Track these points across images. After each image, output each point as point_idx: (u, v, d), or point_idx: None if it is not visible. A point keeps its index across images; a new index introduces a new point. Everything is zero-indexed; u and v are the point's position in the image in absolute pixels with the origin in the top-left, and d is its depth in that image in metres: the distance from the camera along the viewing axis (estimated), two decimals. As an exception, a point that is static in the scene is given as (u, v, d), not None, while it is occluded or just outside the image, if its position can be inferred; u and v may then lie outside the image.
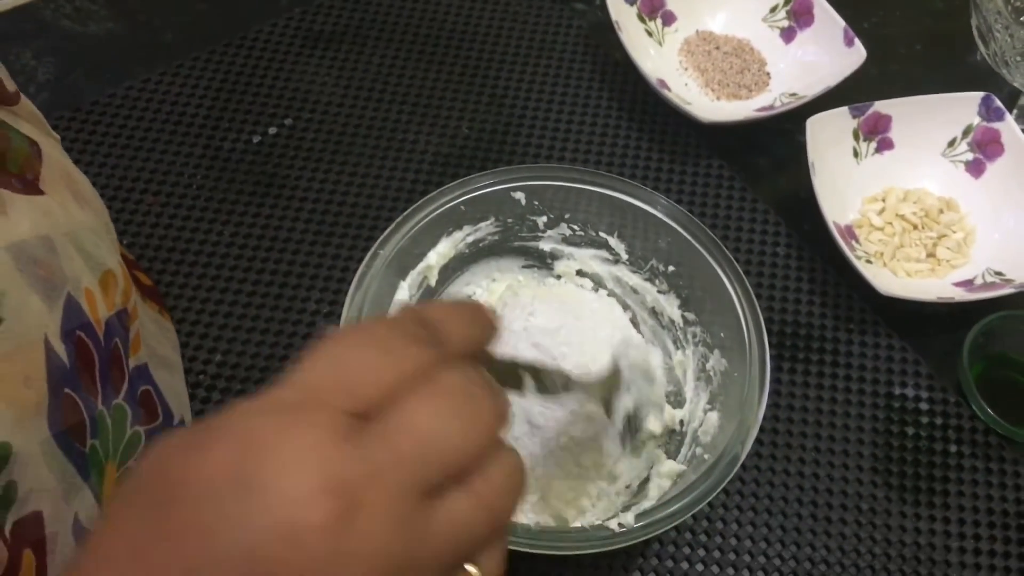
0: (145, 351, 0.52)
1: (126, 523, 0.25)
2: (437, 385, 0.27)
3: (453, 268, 0.60)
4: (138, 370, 0.50)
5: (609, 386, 0.47)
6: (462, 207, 0.56)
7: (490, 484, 0.28)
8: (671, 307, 0.59)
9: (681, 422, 0.57)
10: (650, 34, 0.78)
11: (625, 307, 0.62)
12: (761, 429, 0.49)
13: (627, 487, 0.55)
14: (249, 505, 0.23)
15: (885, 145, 0.70)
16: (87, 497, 0.42)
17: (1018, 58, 0.67)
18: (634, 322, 0.61)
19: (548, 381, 0.37)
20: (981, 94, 0.68)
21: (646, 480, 0.54)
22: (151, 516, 0.24)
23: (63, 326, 0.42)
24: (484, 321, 0.32)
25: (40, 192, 0.43)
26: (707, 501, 0.46)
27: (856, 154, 0.70)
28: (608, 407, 0.47)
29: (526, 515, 0.53)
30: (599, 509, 0.54)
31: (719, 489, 0.46)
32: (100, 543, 0.25)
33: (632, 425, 0.50)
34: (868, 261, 0.66)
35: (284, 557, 0.23)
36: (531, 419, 0.53)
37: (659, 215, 0.56)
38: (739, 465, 0.47)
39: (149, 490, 0.25)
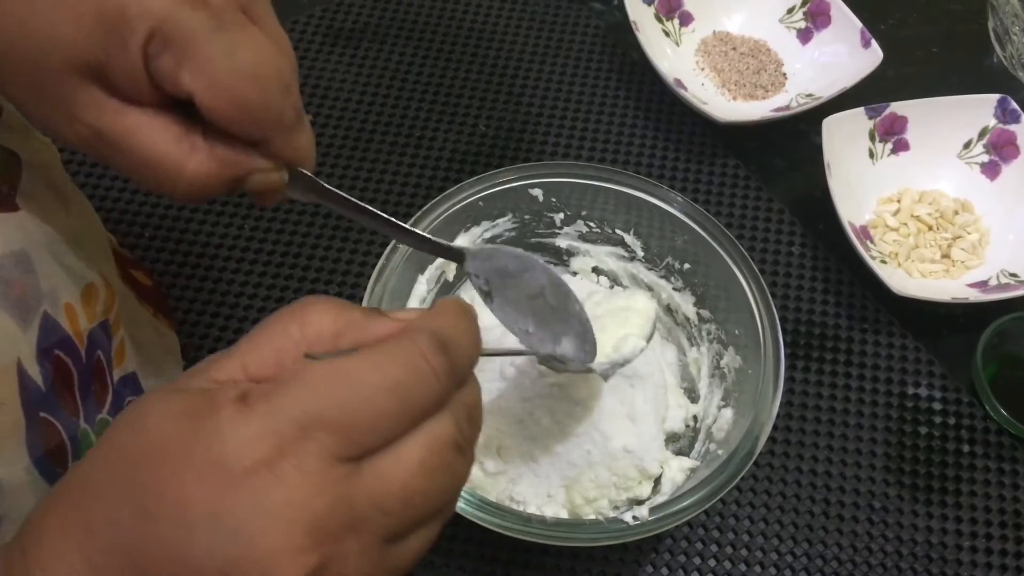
0: (134, 359, 0.51)
1: (93, 516, 0.25)
2: (432, 437, 0.27)
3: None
4: (124, 381, 0.49)
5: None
6: (480, 203, 0.57)
7: (446, 517, 0.30)
8: (686, 304, 0.60)
9: (695, 418, 0.57)
10: (667, 34, 0.78)
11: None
12: (774, 427, 0.50)
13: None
14: (229, 549, 0.24)
15: (901, 146, 0.70)
16: None
17: (1035, 61, 0.68)
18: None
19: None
20: (997, 96, 0.68)
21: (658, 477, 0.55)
22: (123, 522, 0.25)
23: (39, 345, 0.41)
24: (479, 334, 0.32)
25: (15, 208, 0.41)
26: (720, 496, 0.46)
27: (872, 155, 0.70)
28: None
29: (541, 508, 0.53)
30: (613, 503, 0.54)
31: (732, 484, 0.47)
32: (80, 498, 0.26)
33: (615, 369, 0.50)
34: (883, 261, 0.66)
35: None
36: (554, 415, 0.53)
37: (675, 213, 0.57)
38: (752, 461, 0.47)
39: (124, 489, 0.25)
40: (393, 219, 0.40)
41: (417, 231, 0.41)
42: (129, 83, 0.32)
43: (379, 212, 0.39)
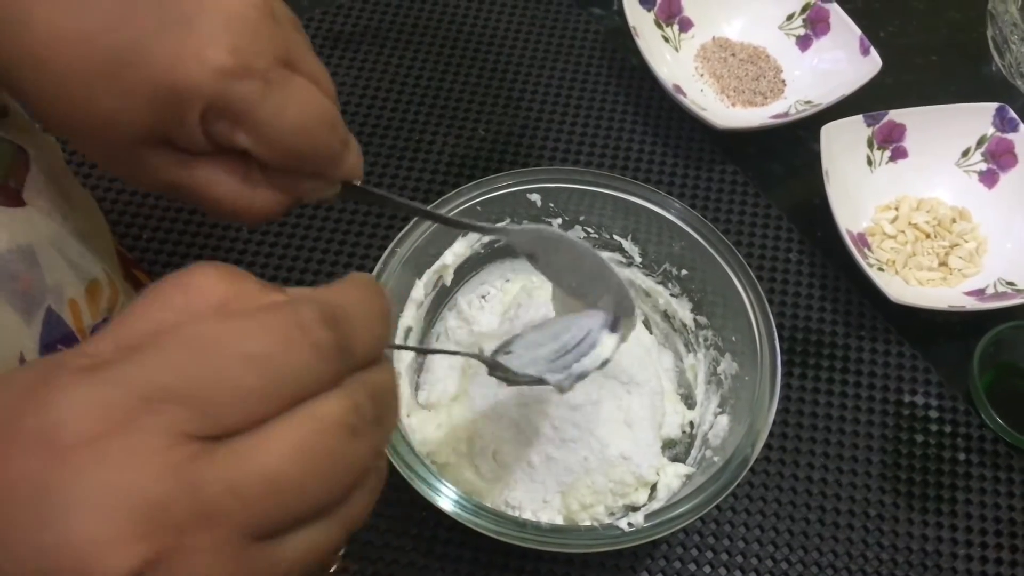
0: None
1: None
2: (312, 416, 0.23)
3: (468, 268, 0.61)
4: None
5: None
6: (478, 208, 0.57)
7: (351, 512, 0.25)
8: (683, 311, 0.60)
9: (691, 424, 0.57)
10: (667, 40, 0.78)
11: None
12: (770, 434, 0.50)
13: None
14: (45, 538, 0.20)
15: (899, 154, 0.70)
16: None
17: (1033, 70, 0.68)
18: (646, 324, 0.62)
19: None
20: (996, 105, 0.68)
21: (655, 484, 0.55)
22: None
23: (42, 340, 0.41)
24: (389, 307, 0.28)
25: (21, 203, 0.42)
26: (716, 503, 0.46)
27: (870, 162, 0.70)
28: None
29: (537, 514, 0.53)
30: (608, 509, 0.54)
31: (728, 491, 0.47)
32: None
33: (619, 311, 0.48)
34: (880, 269, 0.66)
35: None
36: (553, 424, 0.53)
37: (673, 219, 0.57)
38: (748, 468, 0.47)
39: None
40: (434, 211, 0.45)
41: (463, 220, 0.47)
42: (191, 145, 0.35)
43: (423, 206, 0.46)
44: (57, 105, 0.34)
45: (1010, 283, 0.65)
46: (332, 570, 0.34)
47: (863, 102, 0.70)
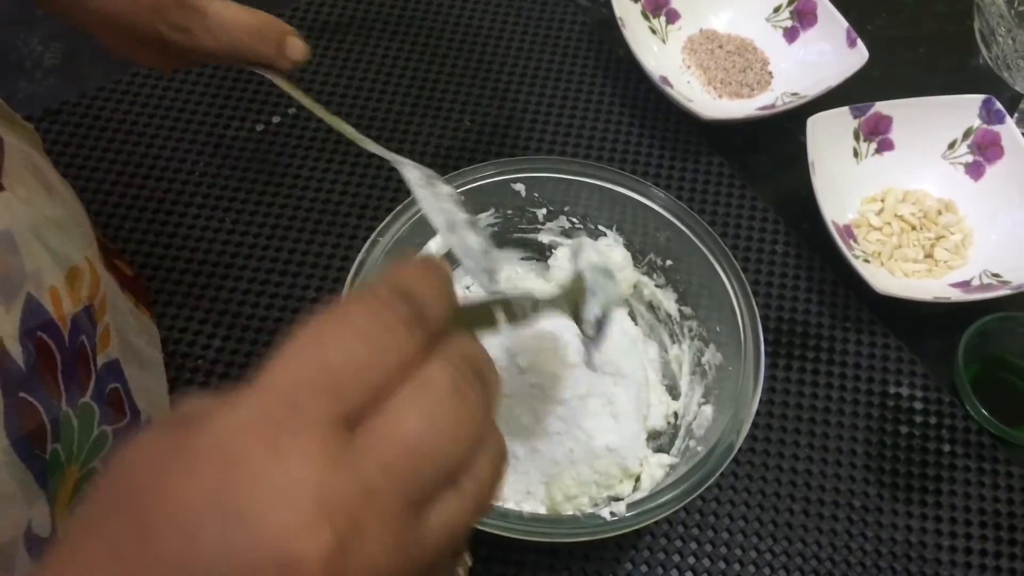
0: (118, 346, 0.51)
1: (94, 554, 0.23)
2: (424, 383, 0.26)
3: (452, 258, 0.60)
4: (108, 367, 0.49)
5: (575, 294, 0.46)
6: (462, 197, 0.56)
7: (478, 481, 0.27)
8: (668, 301, 0.60)
9: (676, 415, 0.57)
10: (654, 31, 0.78)
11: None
12: (755, 425, 0.50)
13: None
14: (238, 537, 0.22)
15: (885, 146, 0.70)
16: (42, 504, 0.41)
17: (1020, 62, 0.68)
18: (631, 315, 0.62)
19: (517, 309, 0.37)
20: (982, 97, 0.68)
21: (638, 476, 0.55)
22: (124, 546, 0.22)
23: (22, 326, 0.41)
24: (449, 278, 0.30)
25: (0, 187, 0.42)
26: (699, 493, 0.46)
27: (856, 154, 0.70)
28: (578, 316, 0.46)
29: (520, 505, 0.53)
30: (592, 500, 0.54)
31: (711, 481, 0.46)
32: (78, 542, 0.23)
33: (603, 329, 0.47)
34: (866, 260, 0.66)
35: None
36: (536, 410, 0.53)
37: (658, 209, 0.56)
38: (732, 458, 0.47)
39: (120, 514, 0.23)
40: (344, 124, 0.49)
41: (360, 136, 0.49)
42: None
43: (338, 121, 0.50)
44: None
45: (996, 275, 0.65)
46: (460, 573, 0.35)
47: (850, 94, 0.70)
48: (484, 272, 0.47)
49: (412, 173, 0.47)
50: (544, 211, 0.60)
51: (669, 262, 0.59)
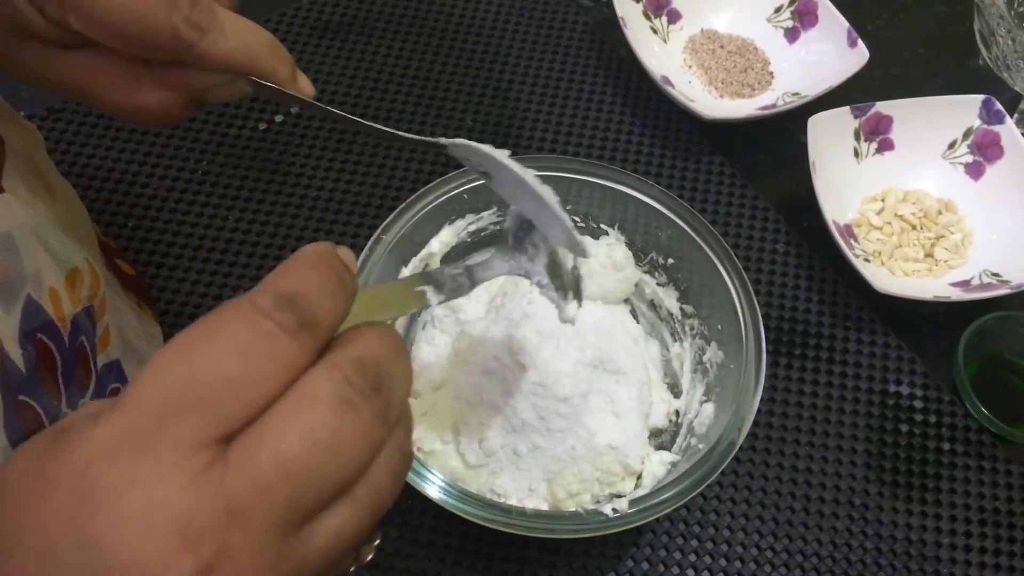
0: (119, 346, 0.51)
1: None
2: (305, 395, 0.24)
3: (454, 256, 0.61)
4: (108, 367, 0.49)
5: (514, 242, 0.44)
6: (464, 196, 0.57)
7: (374, 488, 0.26)
8: (670, 299, 0.60)
9: (677, 412, 0.58)
10: (655, 31, 0.78)
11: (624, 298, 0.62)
12: (756, 423, 0.50)
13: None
14: (94, 566, 0.21)
15: (886, 146, 0.70)
16: None
17: (1020, 62, 0.68)
18: (633, 313, 0.62)
19: (447, 280, 0.35)
20: (982, 97, 0.69)
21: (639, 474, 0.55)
22: None
23: (21, 328, 0.41)
24: (349, 279, 0.28)
25: (0, 189, 0.42)
26: (700, 490, 0.46)
27: (857, 154, 0.70)
28: (523, 271, 0.44)
29: (522, 501, 0.53)
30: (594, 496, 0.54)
31: (712, 478, 0.47)
32: None
33: (555, 268, 0.44)
34: (866, 260, 0.67)
35: None
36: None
37: (660, 208, 0.57)
38: (733, 455, 0.47)
39: None
40: (367, 122, 0.44)
41: (390, 129, 0.43)
42: (50, 35, 0.35)
43: (345, 114, 0.43)
44: None
45: (995, 274, 0.65)
46: (369, 559, 0.34)
47: (850, 94, 0.71)
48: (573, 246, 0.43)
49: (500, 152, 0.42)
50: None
51: (671, 260, 0.59)
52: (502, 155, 0.40)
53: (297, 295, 0.25)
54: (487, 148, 0.40)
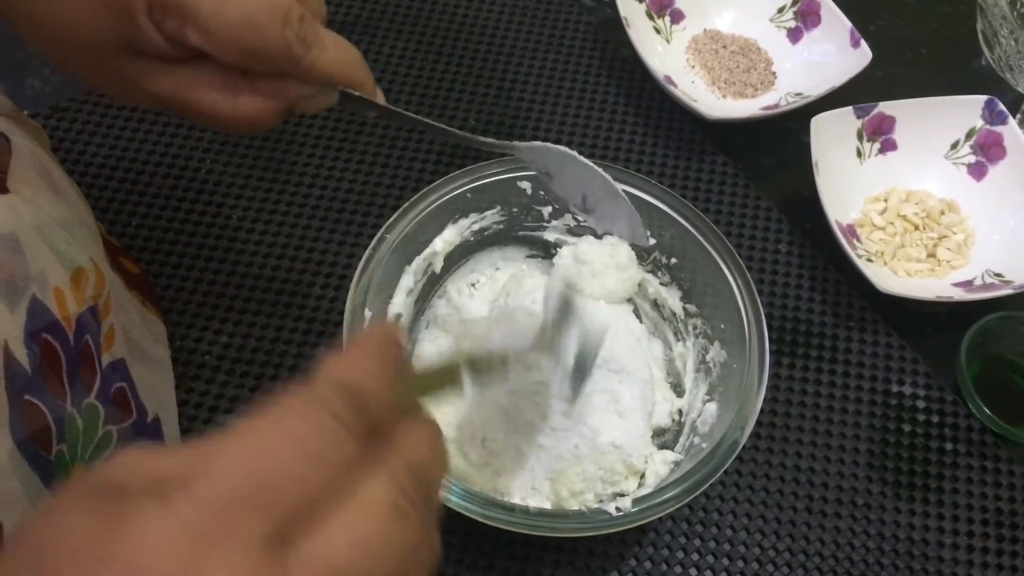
0: (124, 345, 0.51)
1: None
2: (362, 504, 0.24)
3: (458, 255, 0.61)
4: (113, 366, 0.49)
5: (548, 343, 0.45)
6: (468, 195, 0.57)
7: None
8: (673, 299, 0.60)
9: (680, 412, 0.58)
10: (658, 31, 0.78)
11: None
12: (759, 423, 0.50)
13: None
14: None
15: (888, 146, 0.71)
16: None
17: (1023, 63, 0.68)
18: (636, 313, 0.62)
19: (484, 366, 0.36)
20: (985, 97, 0.69)
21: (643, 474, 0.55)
22: None
23: (26, 328, 0.41)
24: (398, 352, 0.29)
25: (4, 190, 0.42)
26: (703, 489, 0.46)
27: (859, 154, 0.70)
28: (551, 366, 0.46)
29: (526, 500, 0.53)
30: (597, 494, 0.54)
31: (715, 477, 0.47)
32: None
33: (583, 373, 0.47)
34: (869, 260, 0.67)
35: None
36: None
37: (663, 207, 0.57)
38: (736, 454, 0.48)
39: None
40: (446, 126, 0.47)
41: (466, 134, 0.48)
42: (161, 50, 0.37)
43: (433, 122, 0.47)
44: (33, 21, 0.38)
45: (998, 274, 0.65)
46: None
47: (853, 94, 0.71)
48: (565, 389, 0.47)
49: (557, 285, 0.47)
50: (549, 209, 0.60)
51: (674, 260, 0.59)
52: (575, 154, 0.48)
53: (362, 391, 0.26)
54: (563, 148, 0.48)
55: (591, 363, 0.47)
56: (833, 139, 0.68)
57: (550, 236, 0.62)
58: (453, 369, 0.34)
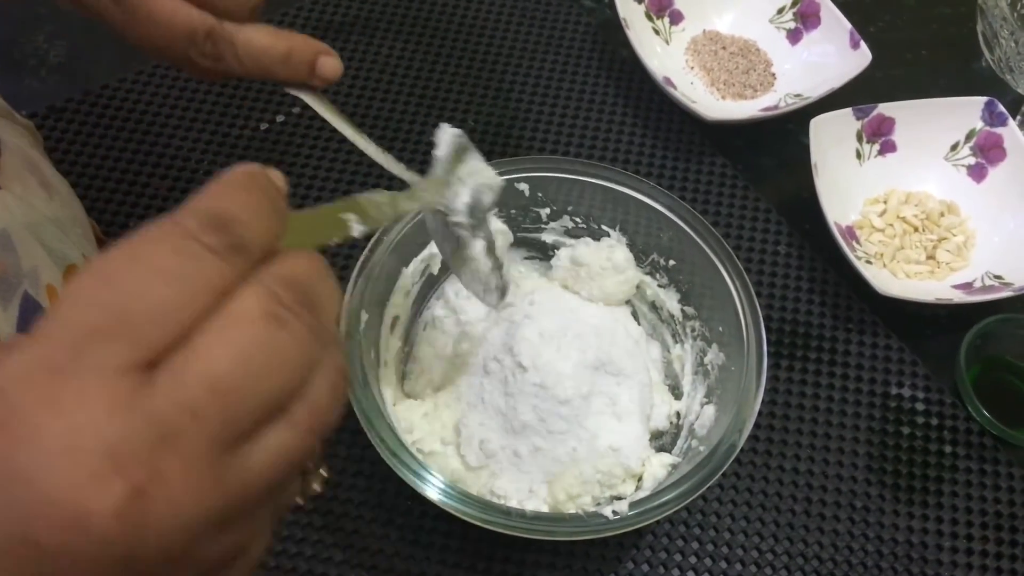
0: None
1: None
2: (233, 314, 0.23)
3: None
4: None
5: (438, 185, 0.45)
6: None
7: (312, 405, 0.25)
8: (671, 301, 0.60)
9: (678, 414, 0.57)
10: (657, 32, 0.78)
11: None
12: (757, 425, 0.50)
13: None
14: (19, 499, 0.20)
15: (888, 147, 0.70)
16: None
17: (1023, 64, 0.68)
18: (634, 315, 0.62)
19: (372, 210, 0.34)
20: (985, 99, 0.69)
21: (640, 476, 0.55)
22: None
23: (19, 325, 0.41)
24: (280, 202, 0.27)
25: None
26: (701, 492, 0.46)
27: (859, 156, 0.70)
28: (444, 204, 0.44)
29: (523, 503, 0.53)
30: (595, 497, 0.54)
31: (713, 480, 0.46)
32: None
33: (480, 221, 0.45)
34: (868, 262, 0.66)
35: (69, 543, 0.20)
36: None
37: (661, 209, 0.57)
38: (733, 457, 0.47)
39: None
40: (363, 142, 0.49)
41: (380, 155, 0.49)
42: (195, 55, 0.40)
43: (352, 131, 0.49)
44: None
45: (998, 276, 0.65)
46: (318, 491, 0.33)
47: (852, 96, 0.70)
48: (489, 292, 0.47)
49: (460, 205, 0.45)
50: (547, 211, 0.60)
51: (672, 262, 0.59)
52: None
53: (226, 216, 0.24)
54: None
55: (484, 212, 0.45)
56: (832, 140, 0.68)
57: (548, 238, 0.62)
58: (338, 212, 0.32)
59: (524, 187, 0.58)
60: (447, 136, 0.46)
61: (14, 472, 0.20)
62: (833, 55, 0.74)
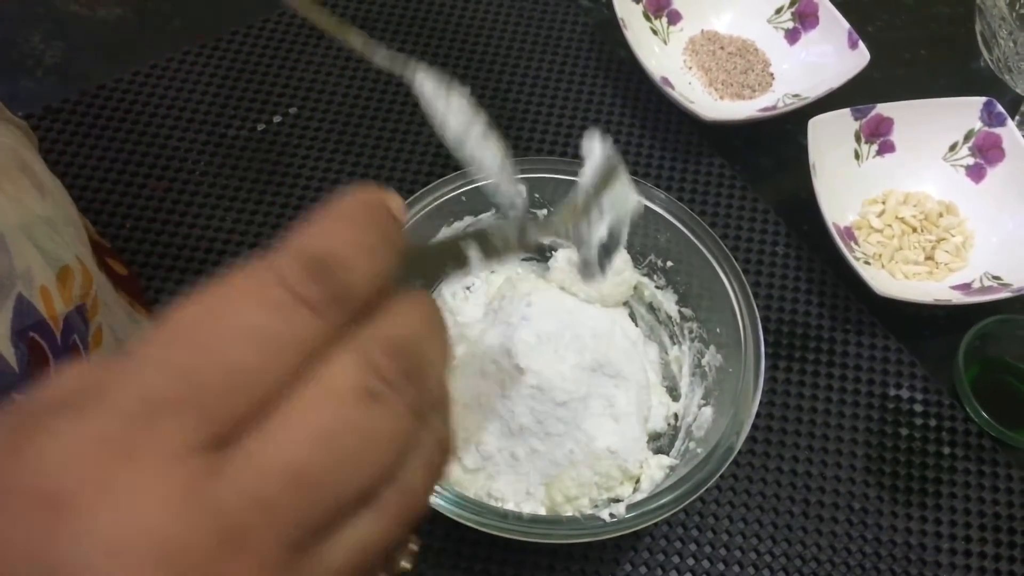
0: (112, 346, 0.50)
1: None
2: (323, 388, 0.20)
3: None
4: None
5: (575, 213, 0.38)
6: (463, 198, 0.57)
7: (403, 491, 0.21)
8: (668, 302, 0.60)
9: (676, 416, 0.57)
10: (655, 32, 0.78)
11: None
12: (755, 426, 0.50)
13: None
14: None
15: (886, 148, 0.70)
16: None
17: (1022, 64, 0.67)
18: (632, 317, 0.62)
19: (496, 241, 0.29)
20: (983, 99, 0.68)
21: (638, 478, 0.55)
22: None
23: (13, 326, 0.40)
24: (396, 236, 0.23)
25: None
26: (699, 494, 0.46)
27: (857, 156, 0.70)
28: (578, 237, 0.38)
29: (520, 506, 0.53)
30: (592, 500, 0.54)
31: (711, 482, 0.46)
32: None
33: (609, 256, 0.39)
34: (867, 262, 0.66)
35: None
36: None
37: (659, 210, 0.56)
38: (731, 459, 0.47)
39: None
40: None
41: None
42: None
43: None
44: None
45: (996, 277, 0.65)
46: (407, 567, 0.30)
47: (851, 96, 0.70)
48: (505, 189, 0.41)
49: (427, 84, 0.39)
50: (545, 211, 0.60)
51: (669, 263, 0.59)
52: (431, 92, 0.40)
53: (329, 259, 0.20)
54: (426, 83, 0.39)
55: (622, 236, 0.39)
56: (831, 141, 0.68)
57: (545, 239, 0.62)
58: (456, 246, 0.28)
59: (522, 188, 0.58)
60: (597, 152, 0.39)
61: (51, 569, 0.17)
62: (831, 55, 0.74)
